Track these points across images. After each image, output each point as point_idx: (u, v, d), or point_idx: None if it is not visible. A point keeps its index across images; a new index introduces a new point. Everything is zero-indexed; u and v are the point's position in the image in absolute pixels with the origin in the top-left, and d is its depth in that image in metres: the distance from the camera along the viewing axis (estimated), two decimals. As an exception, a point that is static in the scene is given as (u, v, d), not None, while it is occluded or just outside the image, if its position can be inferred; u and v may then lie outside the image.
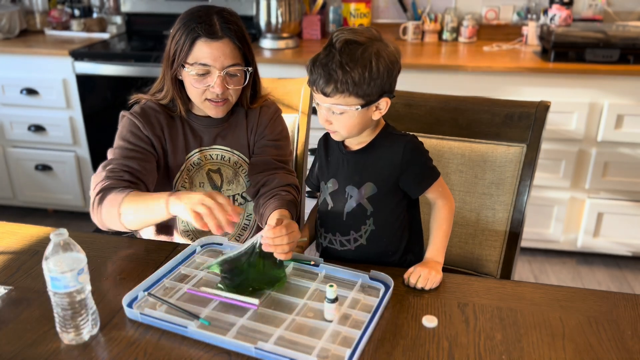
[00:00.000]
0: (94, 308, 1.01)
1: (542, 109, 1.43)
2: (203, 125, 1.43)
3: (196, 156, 1.43)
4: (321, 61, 1.11)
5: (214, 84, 1.31)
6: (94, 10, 3.23)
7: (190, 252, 1.26)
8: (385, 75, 1.12)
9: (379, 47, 1.12)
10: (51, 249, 0.94)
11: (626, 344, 0.99)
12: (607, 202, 2.53)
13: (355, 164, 1.23)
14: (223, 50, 1.30)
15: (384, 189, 1.21)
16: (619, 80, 2.35)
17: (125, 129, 1.38)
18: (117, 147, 1.37)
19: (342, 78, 1.09)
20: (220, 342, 0.97)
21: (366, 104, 1.13)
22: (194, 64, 1.30)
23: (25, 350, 0.97)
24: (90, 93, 2.80)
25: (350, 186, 1.23)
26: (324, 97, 1.13)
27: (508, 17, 2.92)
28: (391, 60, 1.13)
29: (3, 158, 3.02)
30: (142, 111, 1.39)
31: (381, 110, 1.17)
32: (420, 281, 1.13)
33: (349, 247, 1.25)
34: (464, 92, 1.37)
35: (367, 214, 1.22)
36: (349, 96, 1.12)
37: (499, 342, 0.99)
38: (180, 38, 1.30)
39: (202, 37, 1.28)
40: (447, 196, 1.24)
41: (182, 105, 1.40)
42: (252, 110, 1.46)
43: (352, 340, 0.97)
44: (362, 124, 1.17)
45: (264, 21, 2.76)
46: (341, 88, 1.10)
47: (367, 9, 2.85)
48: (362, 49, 1.10)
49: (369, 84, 1.11)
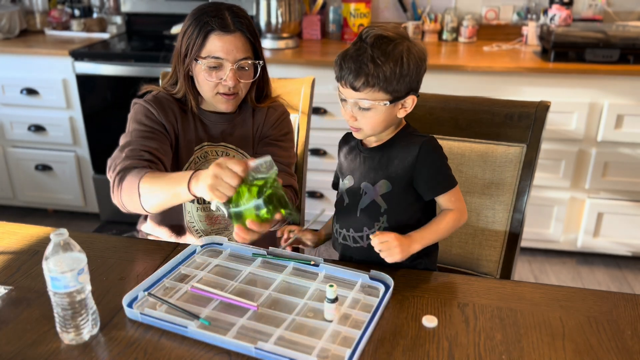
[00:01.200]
0: (94, 308, 1.01)
1: (542, 109, 1.43)
2: (211, 121, 1.45)
3: (203, 150, 1.44)
4: (352, 55, 1.12)
5: (226, 77, 1.33)
6: (94, 10, 3.23)
7: (190, 252, 1.26)
8: (414, 73, 1.13)
9: (409, 45, 1.13)
10: (51, 249, 0.94)
11: (626, 344, 0.99)
12: (607, 202, 2.53)
13: (372, 161, 1.24)
14: (235, 44, 1.32)
15: (399, 187, 1.20)
16: (619, 80, 2.35)
17: (139, 114, 1.38)
18: (132, 130, 1.37)
19: (373, 72, 1.10)
20: (220, 342, 0.97)
21: (393, 100, 1.14)
22: (207, 57, 1.32)
23: (25, 350, 0.97)
24: (90, 93, 2.80)
25: (366, 183, 1.23)
26: (352, 92, 1.14)
27: (508, 17, 2.92)
28: (420, 57, 1.14)
29: (3, 158, 3.02)
30: (156, 99, 1.41)
31: (407, 109, 1.18)
32: (380, 246, 1.13)
33: (361, 244, 1.26)
34: (464, 92, 1.37)
35: (381, 211, 1.22)
36: (378, 91, 1.12)
37: (499, 342, 0.99)
38: (193, 33, 1.32)
39: (215, 30, 1.31)
40: (459, 208, 1.22)
41: (193, 100, 1.42)
42: (260, 109, 1.48)
43: (352, 340, 0.97)
44: (387, 121, 1.18)
45: (264, 21, 2.76)
46: (372, 82, 1.11)
47: (367, 9, 2.85)
48: (394, 44, 1.11)
49: (398, 80, 1.12)
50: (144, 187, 1.21)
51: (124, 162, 1.28)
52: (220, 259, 1.24)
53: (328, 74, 2.54)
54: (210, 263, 1.22)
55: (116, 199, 1.28)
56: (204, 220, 1.46)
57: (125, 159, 1.28)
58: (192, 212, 1.46)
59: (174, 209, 1.45)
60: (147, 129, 1.36)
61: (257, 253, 1.25)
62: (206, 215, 1.46)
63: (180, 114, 1.43)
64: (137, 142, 1.32)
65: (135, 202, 1.23)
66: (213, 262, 1.23)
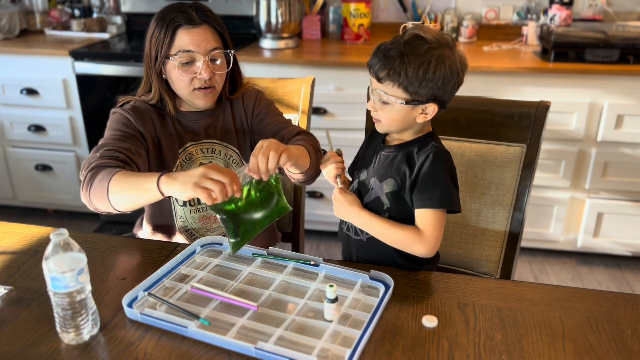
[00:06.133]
0: (94, 308, 1.01)
1: (542, 109, 1.43)
2: (192, 121, 1.46)
3: (188, 150, 1.44)
4: (386, 47, 1.13)
5: (200, 70, 1.33)
6: (94, 10, 3.23)
7: (190, 252, 1.26)
8: (440, 82, 1.11)
9: (445, 53, 1.11)
10: (51, 249, 0.94)
11: (626, 344, 0.99)
12: (607, 202, 2.53)
13: (385, 158, 1.25)
14: (204, 35, 1.34)
15: (404, 189, 1.20)
16: (619, 80, 2.35)
17: (115, 122, 1.38)
18: (107, 136, 1.36)
19: (397, 67, 1.10)
20: (220, 342, 0.97)
21: (411, 102, 1.14)
22: (178, 52, 1.33)
23: (25, 350, 0.97)
24: (90, 93, 2.80)
25: (374, 178, 1.24)
26: (376, 82, 1.15)
27: (508, 17, 2.92)
28: (452, 70, 1.12)
29: (3, 158, 3.02)
30: (135, 108, 1.41)
31: (427, 115, 1.17)
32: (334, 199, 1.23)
33: (361, 237, 1.27)
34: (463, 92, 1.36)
35: (384, 208, 1.22)
36: (397, 87, 1.13)
37: (499, 342, 0.99)
38: (160, 33, 1.34)
39: (182, 25, 1.33)
40: (427, 235, 1.16)
41: (170, 102, 1.42)
42: (236, 100, 1.50)
43: (352, 340, 0.97)
44: (403, 122, 1.18)
45: (264, 21, 2.76)
46: (393, 76, 1.11)
47: (367, 9, 2.85)
48: (427, 47, 1.10)
49: (420, 83, 1.11)
50: (113, 184, 1.18)
51: (97, 161, 1.26)
52: (220, 259, 1.24)
53: (328, 74, 2.55)
54: (210, 263, 1.22)
55: (84, 195, 1.25)
56: (198, 221, 1.46)
57: (100, 159, 1.27)
58: (184, 215, 1.45)
59: (165, 214, 1.46)
60: (122, 134, 1.36)
61: (257, 253, 1.25)
62: (200, 217, 1.46)
63: (159, 120, 1.42)
64: (112, 143, 1.32)
65: (104, 199, 1.20)
66: (213, 262, 1.23)
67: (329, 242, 2.89)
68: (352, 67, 2.48)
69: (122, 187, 1.18)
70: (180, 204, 1.44)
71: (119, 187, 1.18)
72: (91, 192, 1.23)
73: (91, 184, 1.22)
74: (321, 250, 2.82)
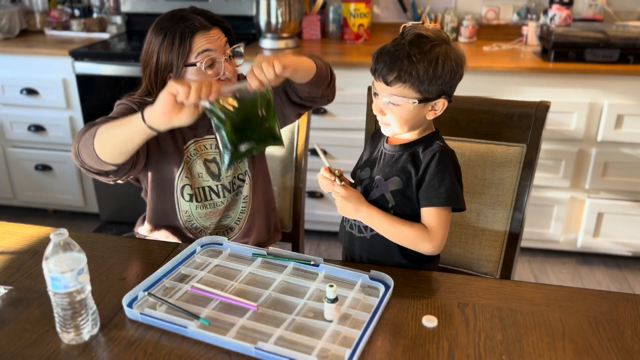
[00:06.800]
0: (94, 308, 1.01)
1: (542, 109, 1.43)
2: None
3: (192, 147, 1.44)
4: (389, 50, 1.13)
5: (223, 69, 1.35)
6: (94, 10, 3.23)
7: (190, 252, 1.26)
8: (448, 77, 1.13)
9: (448, 48, 1.14)
10: (51, 249, 0.94)
11: (626, 344, 0.99)
12: (607, 202, 2.53)
13: (390, 157, 1.25)
14: (219, 36, 1.36)
15: (409, 187, 1.21)
16: (619, 80, 2.35)
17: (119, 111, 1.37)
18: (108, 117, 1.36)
19: (406, 68, 1.11)
20: (220, 342, 0.97)
21: (423, 100, 1.15)
22: (199, 54, 1.32)
23: (25, 350, 0.97)
24: (90, 93, 2.80)
25: (379, 177, 1.25)
26: (384, 86, 1.15)
27: (508, 17, 2.92)
28: (457, 63, 1.14)
29: (3, 158, 3.02)
30: (142, 101, 1.41)
31: (436, 111, 1.18)
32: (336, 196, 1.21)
33: (365, 234, 1.27)
34: (463, 92, 1.37)
35: (388, 206, 1.23)
36: (409, 88, 1.13)
37: (499, 342, 0.99)
38: (173, 44, 1.31)
39: (198, 31, 1.32)
40: (434, 232, 1.17)
41: None
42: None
43: (352, 340, 0.97)
44: (415, 121, 1.19)
45: (264, 21, 2.76)
46: (404, 78, 1.12)
47: (367, 9, 2.85)
48: (432, 45, 1.12)
49: (430, 81, 1.12)
50: (101, 130, 1.20)
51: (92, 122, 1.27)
52: (220, 259, 1.25)
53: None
54: (210, 263, 1.22)
55: (73, 151, 1.26)
56: (204, 216, 1.47)
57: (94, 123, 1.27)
58: (190, 210, 1.46)
59: (168, 212, 1.45)
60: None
61: (257, 253, 1.25)
62: (206, 213, 1.46)
63: None
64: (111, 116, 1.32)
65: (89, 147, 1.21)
66: (213, 262, 1.23)
67: (329, 242, 2.89)
68: (352, 67, 2.48)
69: (108, 128, 1.20)
70: (187, 199, 1.44)
71: (105, 130, 1.19)
72: (80, 144, 1.24)
73: (81, 138, 1.24)
74: (321, 250, 2.82)
